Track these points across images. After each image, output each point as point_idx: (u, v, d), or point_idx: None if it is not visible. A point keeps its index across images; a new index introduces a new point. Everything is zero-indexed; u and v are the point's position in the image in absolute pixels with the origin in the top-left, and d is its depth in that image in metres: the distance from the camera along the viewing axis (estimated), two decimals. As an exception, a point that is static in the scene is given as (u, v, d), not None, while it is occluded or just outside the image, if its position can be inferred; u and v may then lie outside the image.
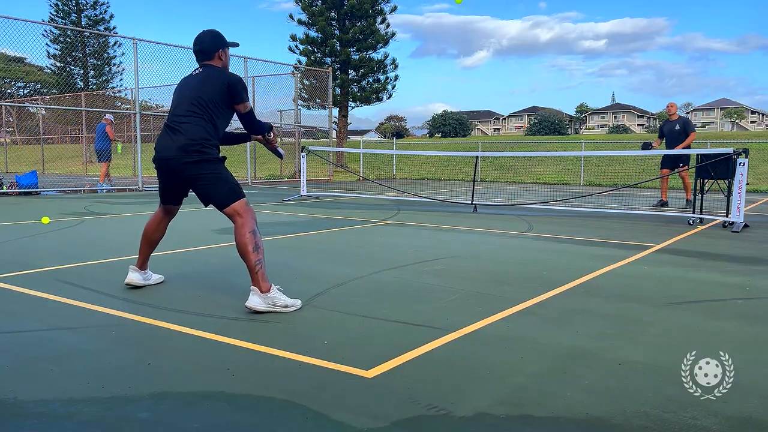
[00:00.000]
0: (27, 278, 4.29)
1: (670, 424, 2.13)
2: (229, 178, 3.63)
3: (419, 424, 2.12)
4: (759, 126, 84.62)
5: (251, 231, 3.49)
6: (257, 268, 3.45)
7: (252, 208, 3.61)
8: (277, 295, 3.48)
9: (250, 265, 3.45)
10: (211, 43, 3.77)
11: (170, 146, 3.58)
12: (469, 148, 28.66)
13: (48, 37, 32.82)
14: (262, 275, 3.46)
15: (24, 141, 28.50)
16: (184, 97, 3.66)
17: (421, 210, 10.01)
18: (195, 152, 3.54)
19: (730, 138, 31.21)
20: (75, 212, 8.96)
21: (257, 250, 3.47)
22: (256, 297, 3.43)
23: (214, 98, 3.62)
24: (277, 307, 3.45)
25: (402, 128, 75.19)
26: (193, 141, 3.54)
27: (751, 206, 11.57)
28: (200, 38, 3.79)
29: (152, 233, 4.00)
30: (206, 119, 3.60)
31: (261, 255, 3.49)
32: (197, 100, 3.60)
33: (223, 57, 3.82)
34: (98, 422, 2.09)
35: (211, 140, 3.60)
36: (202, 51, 3.77)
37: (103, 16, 35.03)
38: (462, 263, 5.13)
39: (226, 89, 3.64)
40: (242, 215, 3.52)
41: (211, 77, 3.67)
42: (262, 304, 3.42)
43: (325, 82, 20.26)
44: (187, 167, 3.56)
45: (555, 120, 60.95)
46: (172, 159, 3.58)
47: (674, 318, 3.51)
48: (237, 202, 3.55)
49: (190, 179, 3.62)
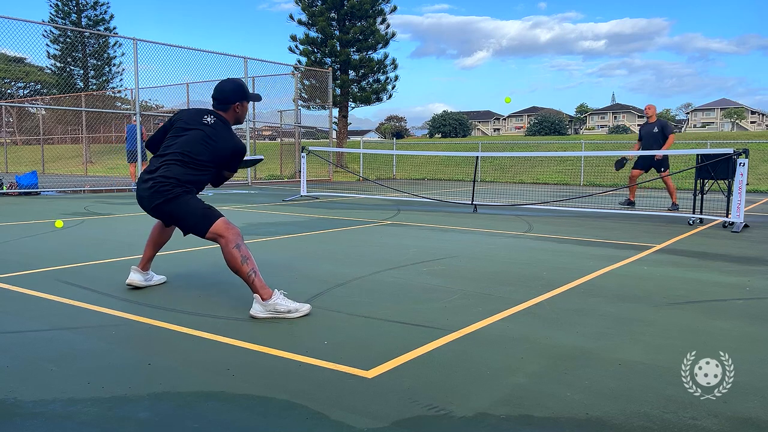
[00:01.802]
0: (27, 278, 4.29)
1: (670, 424, 2.13)
2: (197, 205, 3.57)
3: (419, 424, 2.11)
4: (759, 126, 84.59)
5: (235, 246, 3.45)
6: (251, 278, 3.42)
7: (231, 225, 3.55)
8: (279, 301, 3.42)
9: (243, 278, 3.44)
10: (230, 94, 3.76)
11: (144, 190, 3.60)
12: (469, 148, 28.66)
13: (48, 38, 32.82)
14: (259, 283, 3.42)
15: (24, 141, 28.51)
16: (181, 142, 3.64)
17: (421, 210, 10.01)
18: (164, 192, 3.53)
19: (730, 138, 31.20)
20: (75, 212, 8.96)
21: (246, 262, 3.43)
22: (257, 305, 3.40)
23: (212, 161, 3.66)
24: (279, 314, 3.39)
25: (402, 128, 75.19)
26: (164, 182, 3.53)
27: (751, 206, 11.58)
28: (221, 86, 3.79)
29: (159, 235, 4.03)
30: (189, 166, 3.60)
31: (251, 264, 3.45)
32: (191, 150, 3.60)
33: (239, 110, 3.81)
34: (98, 422, 2.09)
35: (184, 181, 3.58)
36: (218, 99, 3.77)
37: (103, 17, 35.02)
38: (462, 263, 5.13)
39: (227, 161, 3.71)
40: (223, 235, 3.48)
41: (218, 143, 3.66)
42: (263, 312, 3.39)
43: (325, 83, 20.26)
44: (157, 208, 3.58)
45: (555, 120, 60.89)
46: (144, 200, 3.62)
47: (674, 318, 3.51)
48: (213, 225, 3.51)
49: (165, 217, 3.66)
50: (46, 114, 26.61)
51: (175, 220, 3.64)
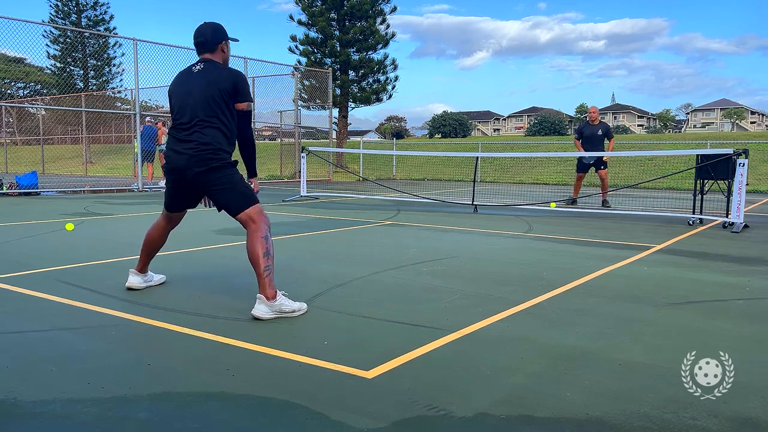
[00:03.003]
0: (27, 278, 4.29)
1: (670, 424, 2.13)
2: (241, 183, 3.54)
3: (419, 424, 2.11)
4: (759, 126, 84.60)
5: (263, 237, 3.44)
6: (266, 274, 3.39)
7: (265, 214, 3.55)
8: (283, 302, 3.42)
9: (258, 271, 3.40)
10: (214, 35, 3.65)
11: (181, 156, 3.49)
12: (469, 148, 28.66)
13: (48, 38, 32.80)
14: (269, 281, 3.40)
15: (24, 141, 28.50)
16: (189, 103, 3.52)
17: (421, 210, 10.01)
18: (207, 160, 3.45)
19: (730, 138, 31.20)
20: (75, 213, 8.96)
21: (267, 256, 3.42)
22: (263, 306, 3.37)
23: (223, 100, 3.50)
24: (284, 314, 3.40)
25: (402, 129, 75.17)
26: (205, 149, 3.45)
27: (751, 206, 11.57)
28: (202, 30, 3.66)
29: (154, 241, 3.94)
30: (215, 125, 3.49)
31: (271, 261, 3.44)
32: (206, 104, 3.47)
33: (225, 50, 3.69)
34: (98, 422, 2.09)
35: (222, 146, 3.50)
36: (205, 43, 3.63)
37: (103, 17, 34.99)
38: (462, 263, 5.13)
39: (232, 88, 3.52)
40: (255, 221, 3.46)
41: (218, 78, 3.52)
42: (269, 313, 3.37)
43: (325, 83, 20.26)
44: (198, 176, 3.48)
45: (555, 120, 60.88)
46: (184, 169, 3.50)
47: (674, 318, 3.51)
48: (250, 207, 3.48)
49: (202, 187, 3.55)
50: (46, 114, 26.60)
51: (211, 191, 3.52)
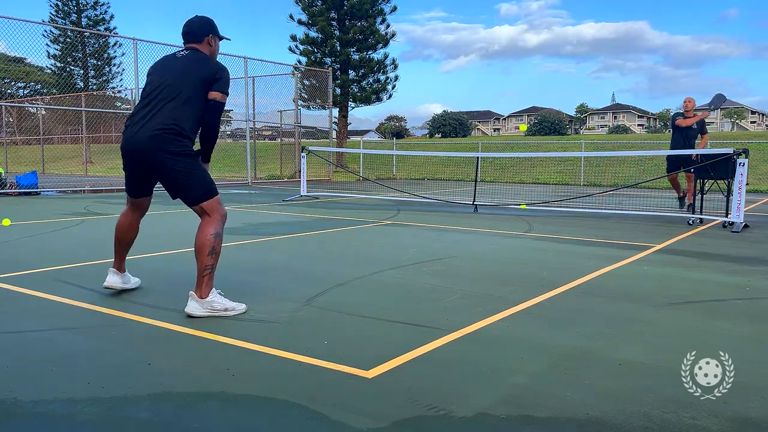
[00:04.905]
0: (27, 278, 4.29)
1: (670, 424, 2.13)
2: (202, 170, 3.43)
3: (419, 424, 2.11)
4: (759, 126, 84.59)
5: (215, 234, 3.36)
6: (205, 273, 3.33)
7: (223, 209, 3.46)
8: (215, 299, 3.38)
9: (199, 268, 3.34)
10: (201, 27, 3.57)
11: (144, 132, 3.32)
12: (469, 148, 28.65)
13: (48, 38, 32.77)
14: (207, 282, 3.34)
15: (24, 141, 28.49)
16: (164, 83, 3.40)
17: (422, 210, 10.01)
18: (172, 140, 3.30)
19: (729, 138, 31.19)
20: (75, 212, 8.96)
21: (212, 255, 3.35)
22: (193, 302, 3.33)
23: (202, 86, 3.40)
24: (216, 311, 3.35)
25: (402, 128, 75.15)
26: (170, 126, 3.30)
27: (751, 206, 11.57)
28: (189, 21, 3.59)
29: (125, 233, 3.78)
30: (187, 107, 3.37)
31: (214, 261, 3.36)
32: (180, 86, 3.36)
33: (212, 43, 3.60)
34: (98, 422, 2.09)
35: (186, 130, 3.35)
36: (190, 33, 3.55)
37: (103, 17, 34.97)
38: (462, 263, 5.13)
39: (212, 76, 3.41)
40: (211, 214, 3.39)
41: (198, 64, 3.43)
42: (200, 310, 3.33)
43: (325, 83, 20.26)
44: (161, 156, 3.31)
45: (555, 120, 60.86)
46: (147, 148, 3.32)
47: (674, 318, 3.51)
48: (211, 198, 3.40)
49: (163, 170, 3.37)
50: (46, 114, 26.59)
51: (167, 176, 3.37)
